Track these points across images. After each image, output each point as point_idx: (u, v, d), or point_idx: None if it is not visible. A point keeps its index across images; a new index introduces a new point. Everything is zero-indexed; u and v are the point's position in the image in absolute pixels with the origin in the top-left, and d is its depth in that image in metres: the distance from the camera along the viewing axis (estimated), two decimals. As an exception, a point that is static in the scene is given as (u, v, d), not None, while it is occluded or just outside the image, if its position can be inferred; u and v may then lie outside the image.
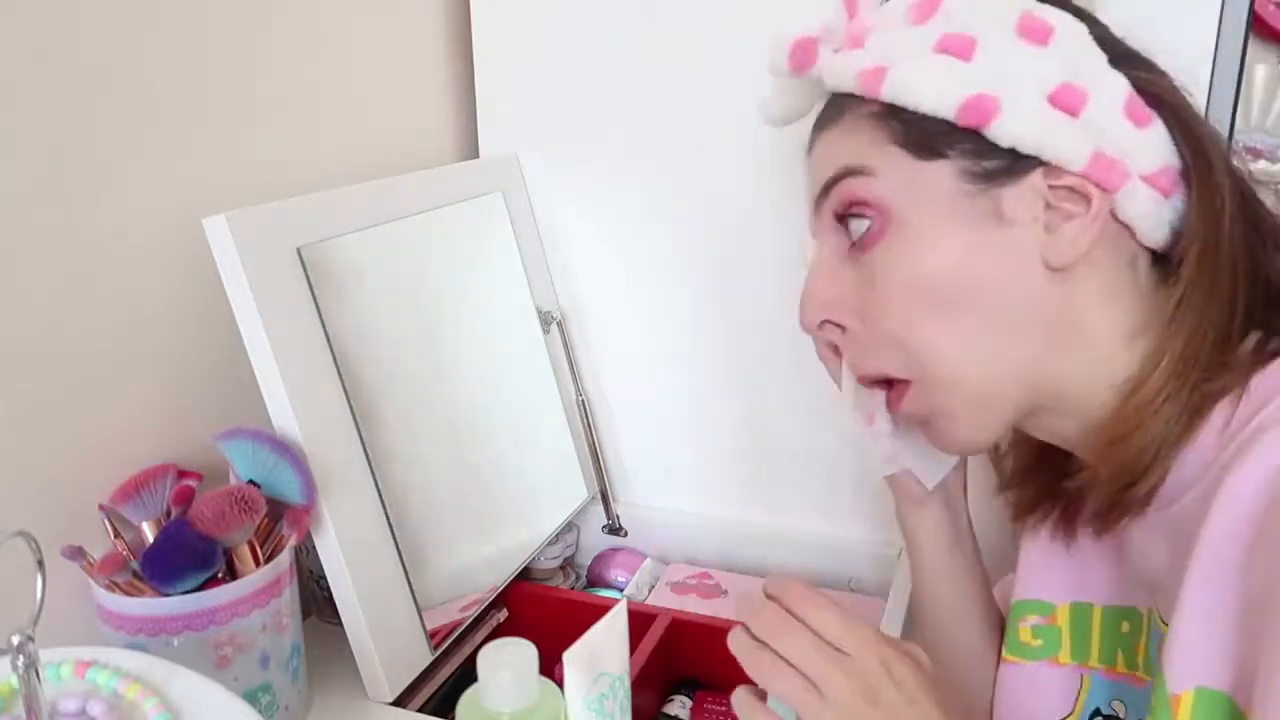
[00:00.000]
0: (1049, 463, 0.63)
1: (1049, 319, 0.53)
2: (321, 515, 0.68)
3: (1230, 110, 0.73)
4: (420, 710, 0.74)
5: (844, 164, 0.55)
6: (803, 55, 0.56)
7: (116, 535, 0.63)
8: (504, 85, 0.97)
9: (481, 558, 0.84)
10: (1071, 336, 0.53)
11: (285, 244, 0.69)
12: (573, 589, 0.99)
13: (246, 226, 0.65)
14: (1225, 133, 0.74)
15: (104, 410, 0.67)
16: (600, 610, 0.58)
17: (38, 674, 0.43)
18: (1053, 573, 0.64)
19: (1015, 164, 0.51)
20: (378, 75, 0.91)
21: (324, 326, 0.70)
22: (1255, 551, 0.44)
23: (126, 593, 0.61)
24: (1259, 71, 1.40)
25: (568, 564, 1.03)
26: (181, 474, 0.67)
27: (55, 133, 0.62)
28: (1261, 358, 0.51)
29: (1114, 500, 0.53)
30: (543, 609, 0.89)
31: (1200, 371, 0.50)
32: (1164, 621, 0.52)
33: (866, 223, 0.54)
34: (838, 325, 0.57)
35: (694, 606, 0.91)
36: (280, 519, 0.66)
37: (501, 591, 0.86)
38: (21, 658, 0.42)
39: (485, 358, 0.89)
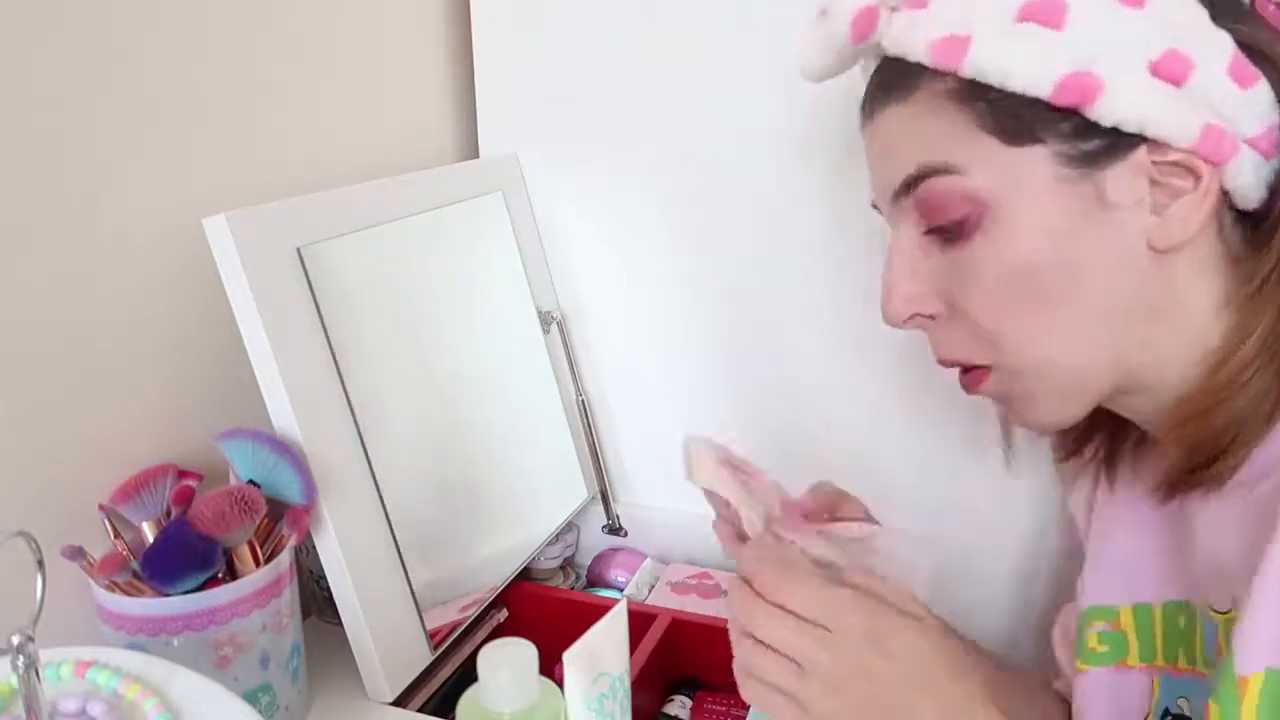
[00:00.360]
0: (1106, 425, 0.60)
1: (1150, 302, 0.50)
2: (321, 515, 0.68)
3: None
4: (420, 710, 0.74)
5: (926, 161, 0.51)
6: (865, 24, 0.51)
7: (116, 535, 0.63)
8: (504, 85, 0.97)
9: (481, 558, 0.84)
10: (1168, 316, 0.50)
11: (285, 244, 0.69)
12: (573, 589, 0.99)
13: (246, 226, 0.65)
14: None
15: (104, 410, 0.67)
16: (600, 610, 0.58)
17: (38, 674, 0.43)
18: (1113, 576, 0.61)
19: (1118, 143, 0.47)
20: (378, 75, 0.91)
21: (324, 326, 0.70)
22: None
23: (126, 593, 0.61)
24: (1259, 71, 1.40)
25: (568, 564, 1.03)
26: (181, 474, 0.67)
27: (55, 133, 0.62)
28: None
29: (1188, 474, 0.51)
30: (543, 609, 0.89)
31: None
32: (1215, 610, 0.51)
33: (959, 217, 0.50)
34: (926, 316, 0.55)
35: (694, 606, 0.91)
36: (280, 519, 0.66)
37: (501, 591, 0.86)
38: (21, 658, 0.42)
39: (485, 358, 0.89)
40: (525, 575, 0.91)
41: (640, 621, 0.83)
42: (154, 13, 0.68)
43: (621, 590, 0.97)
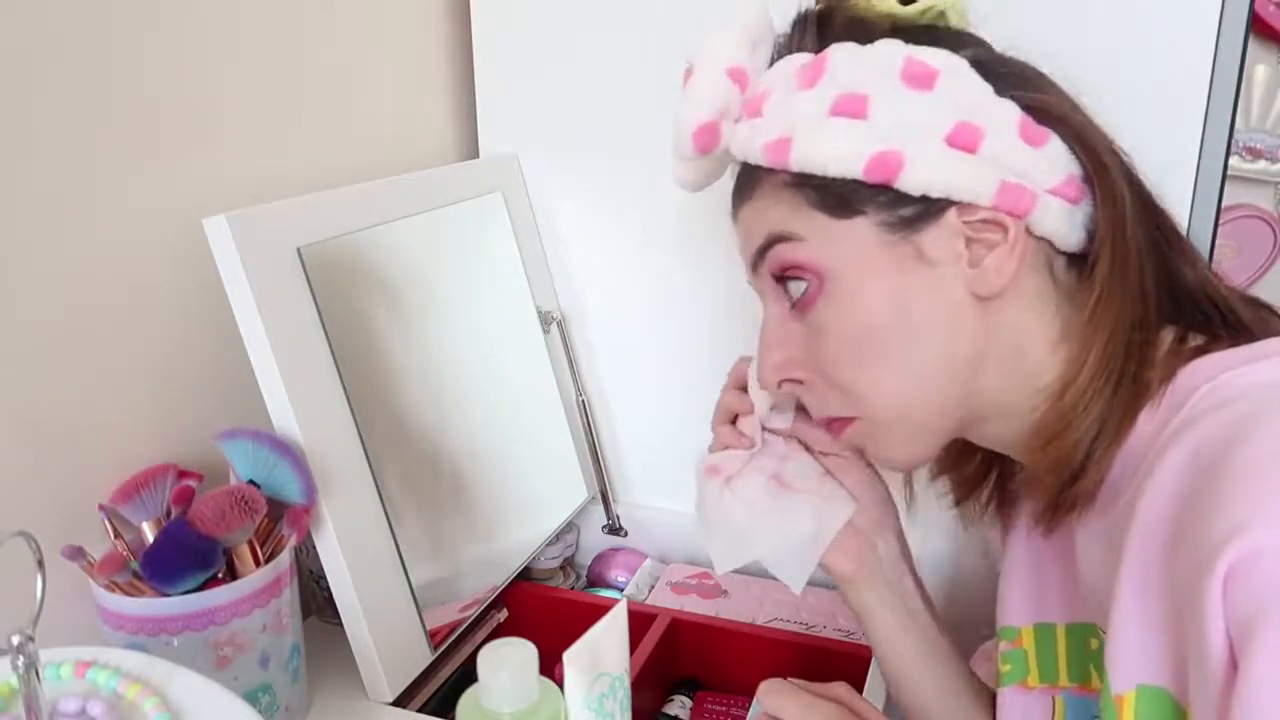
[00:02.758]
0: (996, 467, 0.65)
1: (984, 344, 0.55)
2: (321, 515, 0.68)
3: (1230, 110, 0.73)
4: (420, 710, 0.74)
5: (770, 231, 0.57)
6: (706, 138, 0.57)
7: (116, 535, 0.63)
8: (504, 85, 0.97)
9: (481, 558, 0.84)
10: (1005, 355, 0.55)
11: (285, 244, 0.69)
12: (573, 589, 0.99)
13: (246, 226, 0.65)
14: (1225, 132, 0.74)
15: (104, 410, 0.67)
16: (600, 610, 0.58)
17: (38, 674, 0.43)
18: (1016, 596, 0.65)
19: (930, 207, 0.53)
20: (378, 75, 0.91)
21: (324, 326, 0.70)
22: (1176, 543, 0.44)
23: (126, 593, 0.61)
24: (1259, 71, 1.41)
25: (568, 564, 1.03)
26: (181, 474, 0.67)
27: (55, 133, 0.62)
28: (1182, 353, 0.52)
29: (1055, 499, 0.54)
30: (543, 609, 0.89)
31: (1123, 367, 0.52)
32: (1103, 631, 0.53)
33: (804, 284, 0.56)
34: (795, 381, 0.59)
35: (694, 606, 0.91)
36: (280, 519, 0.66)
37: (501, 591, 0.86)
38: (21, 658, 0.42)
39: (485, 358, 0.89)
40: (525, 575, 0.91)
41: (640, 621, 0.83)
42: (154, 13, 0.68)
43: (621, 590, 0.97)
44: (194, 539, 0.61)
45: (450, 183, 0.89)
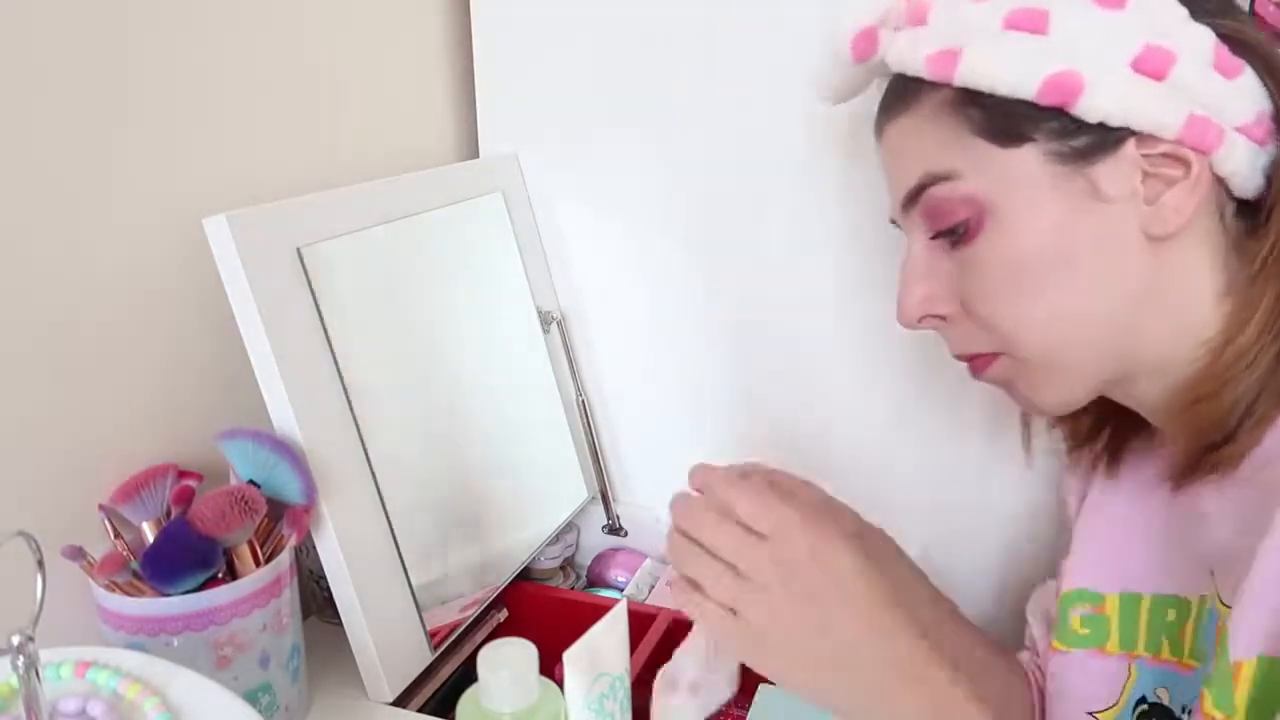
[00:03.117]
0: (1115, 416, 0.62)
1: (1148, 288, 0.52)
2: (321, 515, 0.68)
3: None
4: (420, 710, 0.74)
5: (926, 169, 0.53)
6: (866, 45, 0.54)
7: (116, 535, 0.63)
8: (504, 85, 0.97)
9: (481, 558, 0.84)
10: (1168, 301, 0.52)
11: (285, 244, 0.69)
12: (573, 589, 0.99)
13: (246, 226, 0.65)
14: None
15: (104, 410, 0.67)
16: (600, 610, 0.58)
17: (38, 674, 0.43)
18: (1102, 563, 0.63)
19: (1106, 138, 0.49)
20: (378, 75, 0.91)
21: (324, 326, 0.70)
22: None
23: (126, 593, 0.61)
24: (1259, 71, 1.40)
25: (568, 564, 1.03)
26: (181, 474, 0.67)
27: (55, 133, 0.62)
28: None
29: (1198, 459, 0.52)
30: (543, 609, 0.89)
31: None
32: (1223, 603, 0.51)
33: (961, 220, 0.53)
34: (938, 316, 0.57)
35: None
36: (280, 519, 0.66)
37: (501, 591, 0.86)
38: (21, 658, 0.42)
39: (485, 358, 0.89)
40: (525, 575, 0.91)
41: (640, 621, 0.83)
42: (154, 12, 0.68)
43: (621, 590, 0.97)
44: (194, 539, 0.61)
45: (450, 183, 0.89)
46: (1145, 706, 0.59)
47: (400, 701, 0.72)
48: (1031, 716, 0.68)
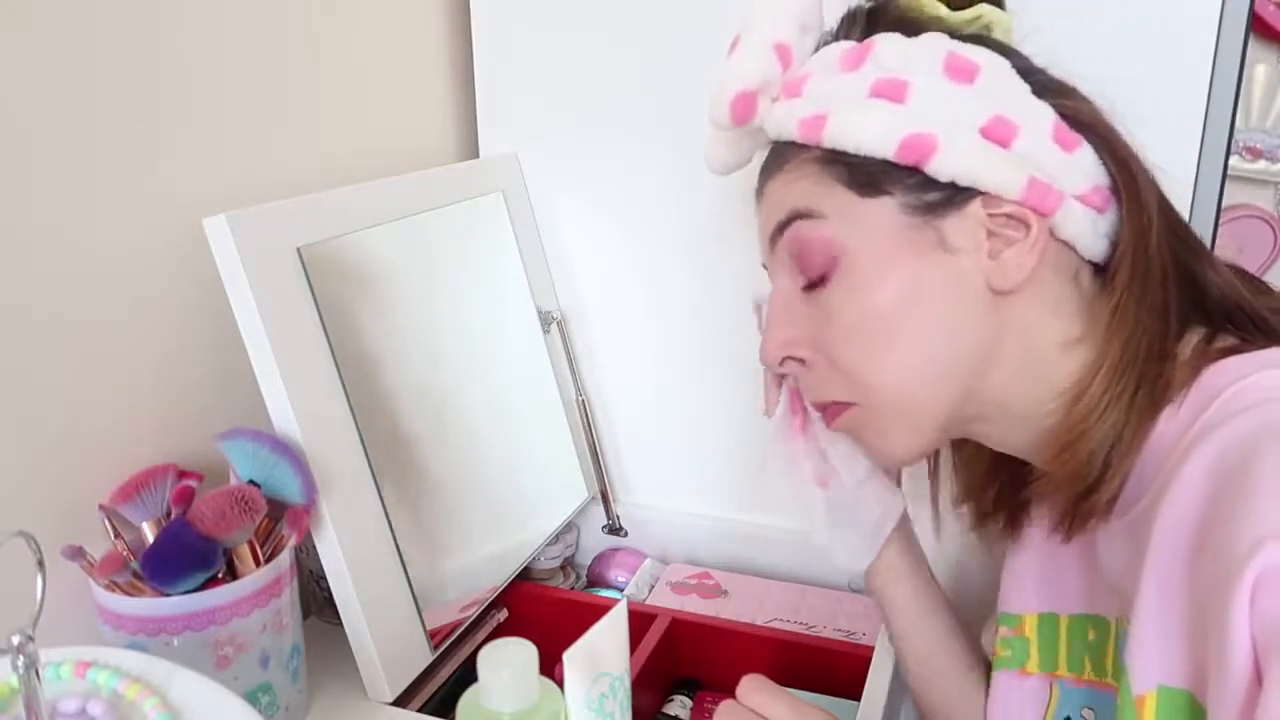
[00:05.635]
0: (1005, 471, 0.65)
1: (994, 339, 0.55)
2: (321, 515, 0.68)
3: (1230, 110, 0.73)
4: (420, 710, 0.74)
5: (793, 207, 0.57)
6: (744, 108, 0.58)
7: (116, 535, 0.63)
8: (504, 85, 0.97)
9: (481, 558, 0.84)
10: (1016, 352, 0.55)
11: (285, 244, 0.69)
12: (573, 589, 0.99)
13: (246, 226, 0.65)
14: (1225, 132, 0.74)
15: (104, 410, 0.67)
16: (600, 610, 0.58)
17: (38, 674, 0.43)
18: (1023, 585, 0.65)
19: (955, 196, 0.53)
20: (378, 75, 0.91)
21: (324, 326, 0.70)
22: (1201, 547, 0.44)
23: (126, 593, 0.61)
24: (1259, 71, 1.41)
25: (568, 564, 1.03)
26: (181, 474, 0.67)
27: (55, 133, 0.62)
28: (1208, 354, 0.52)
29: (1073, 508, 0.54)
30: (543, 609, 0.89)
31: (1139, 372, 0.52)
32: (1108, 620, 0.54)
33: (820, 257, 0.56)
34: (797, 360, 0.59)
35: (694, 606, 0.91)
36: (280, 519, 0.66)
37: (501, 591, 0.86)
38: (21, 658, 0.42)
39: (485, 357, 0.89)
40: (525, 575, 0.91)
41: (640, 621, 0.83)
42: (154, 12, 0.68)
43: (621, 590, 0.97)
44: (194, 539, 0.61)
45: (450, 183, 0.89)
46: None
47: (400, 701, 0.72)
48: None
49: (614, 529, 1.03)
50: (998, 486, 0.66)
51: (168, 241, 0.70)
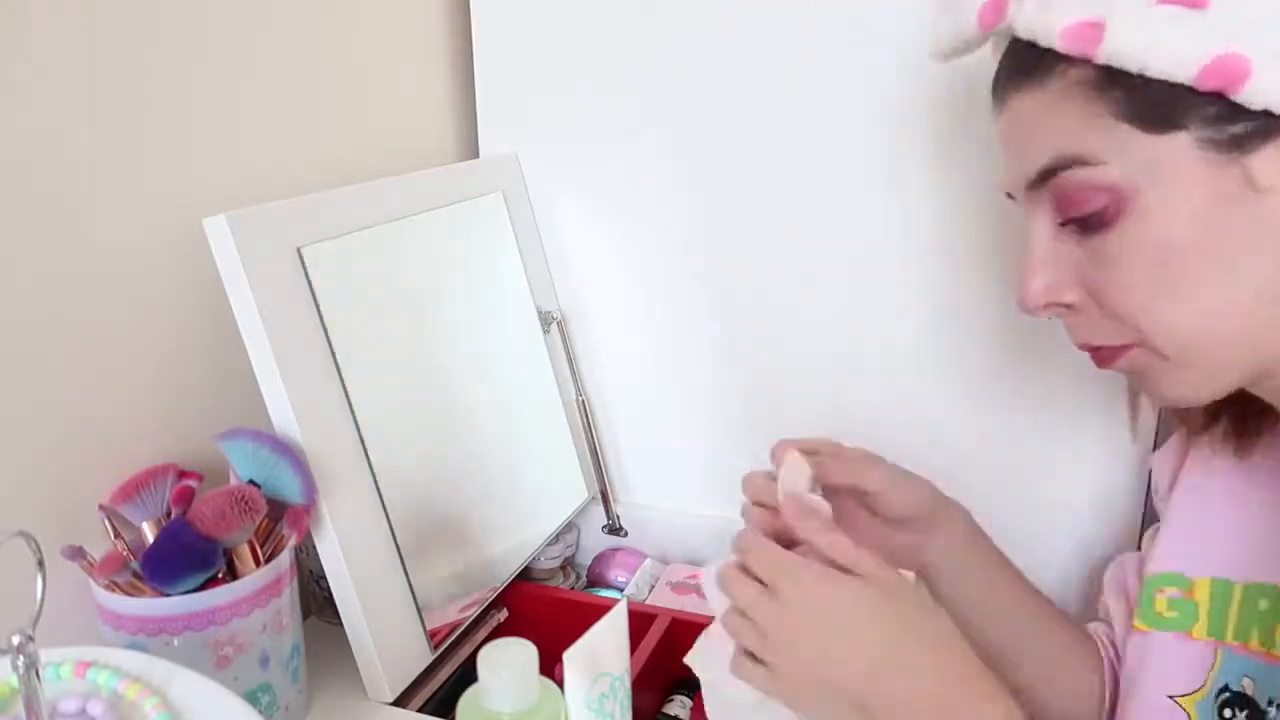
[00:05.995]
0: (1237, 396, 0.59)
1: None
2: (321, 515, 0.68)
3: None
4: (420, 710, 0.74)
5: (1061, 151, 0.49)
6: (993, 14, 0.49)
7: (116, 535, 0.63)
8: (504, 85, 0.97)
9: (481, 558, 0.84)
10: None
11: (285, 244, 0.69)
12: (573, 589, 0.99)
13: (246, 226, 0.65)
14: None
15: (104, 410, 0.67)
16: (600, 610, 0.58)
17: (38, 674, 0.43)
18: (1195, 547, 0.61)
19: (1268, 125, 0.45)
20: (378, 75, 0.91)
21: (324, 326, 0.70)
22: None
23: (126, 593, 0.61)
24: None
25: (568, 564, 1.03)
26: (181, 474, 0.67)
27: (55, 134, 0.62)
28: None
29: None
30: (543, 609, 0.89)
31: None
32: None
33: (1097, 208, 0.48)
34: (1063, 305, 0.53)
35: (694, 606, 0.91)
36: (280, 519, 0.66)
37: (501, 591, 0.86)
38: (21, 658, 0.42)
39: (485, 358, 0.89)
40: (525, 575, 0.91)
41: (640, 621, 0.83)
42: (154, 12, 0.68)
43: (621, 590, 0.97)
44: (194, 539, 0.61)
45: (450, 183, 0.89)
46: (1228, 695, 0.58)
47: (400, 701, 0.72)
48: (1102, 690, 0.68)
49: (614, 529, 1.03)
50: (1226, 415, 0.60)
51: (168, 241, 0.70)
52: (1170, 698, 0.60)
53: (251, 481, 0.65)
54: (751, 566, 0.53)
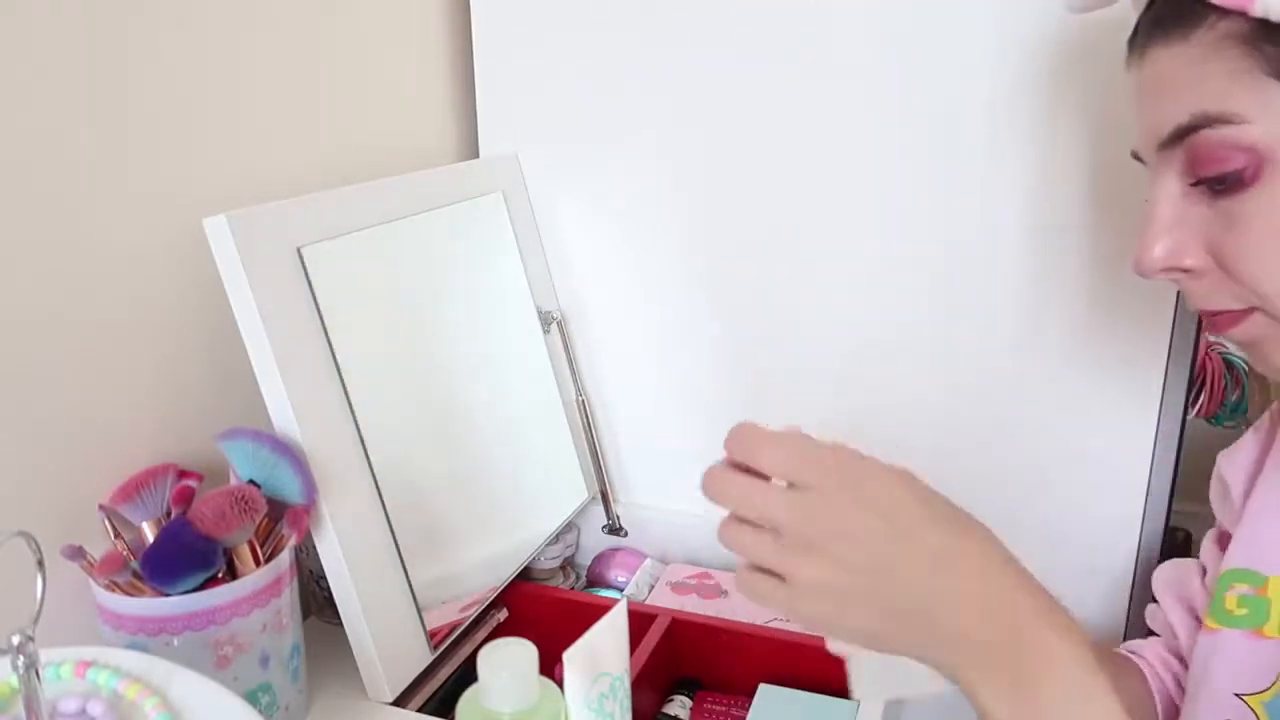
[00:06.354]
0: None
1: None
2: (321, 515, 0.68)
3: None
4: (420, 710, 0.74)
5: (1203, 109, 0.47)
6: None
7: (116, 535, 0.63)
8: (504, 85, 0.97)
9: (481, 558, 0.84)
10: None
11: (285, 244, 0.69)
12: (573, 589, 0.99)
13: (246, 226, 0.65)
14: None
15: (104, 410, 0.67)
16: (600, 610, 0.58)
17: (38, 674, 0.43)
18: (1270, 545, 0.60)
19: None
20: (378, 75, 0.91)
21: (324, 326, 0.70)
22: None
23: (126, 593, 0.61)
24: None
25: (568, 564, 1.03)
26: (181, 474, 0.67)
27: (55, 134, 0.62)
28: None
29: None
30: (543, 609, 0.89)
31: None
32: None
33: (1236, 169, 0.47)
34: (1182, 269, 0.51)
35: (694, 606, 0.91)
36: (280, 519, 0.66)
37: (501, 591, 0.86)
38: (21, 658, 0.42)
39: (485, 358, 0.89)
40: (525, 575, 0.91)
41: (640, 621, 0.83)
42: (154, 12, 0.68)
43: (621, 590, 0.97)
44: (194, 539, 0.61)
45: (450, 183, 0.89)
46: None
47: (400, 701, 0.72)
48: (1153, 711, 0.66)
49: (614, 529, 1.03)
50: None
51: (168, 241, 0.70)
52: (1238, 696, 0.58)
53: (251, 481, 0.65)
54: (765, 465, 0.46)
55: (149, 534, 0.64)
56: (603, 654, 0.56)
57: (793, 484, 0.45)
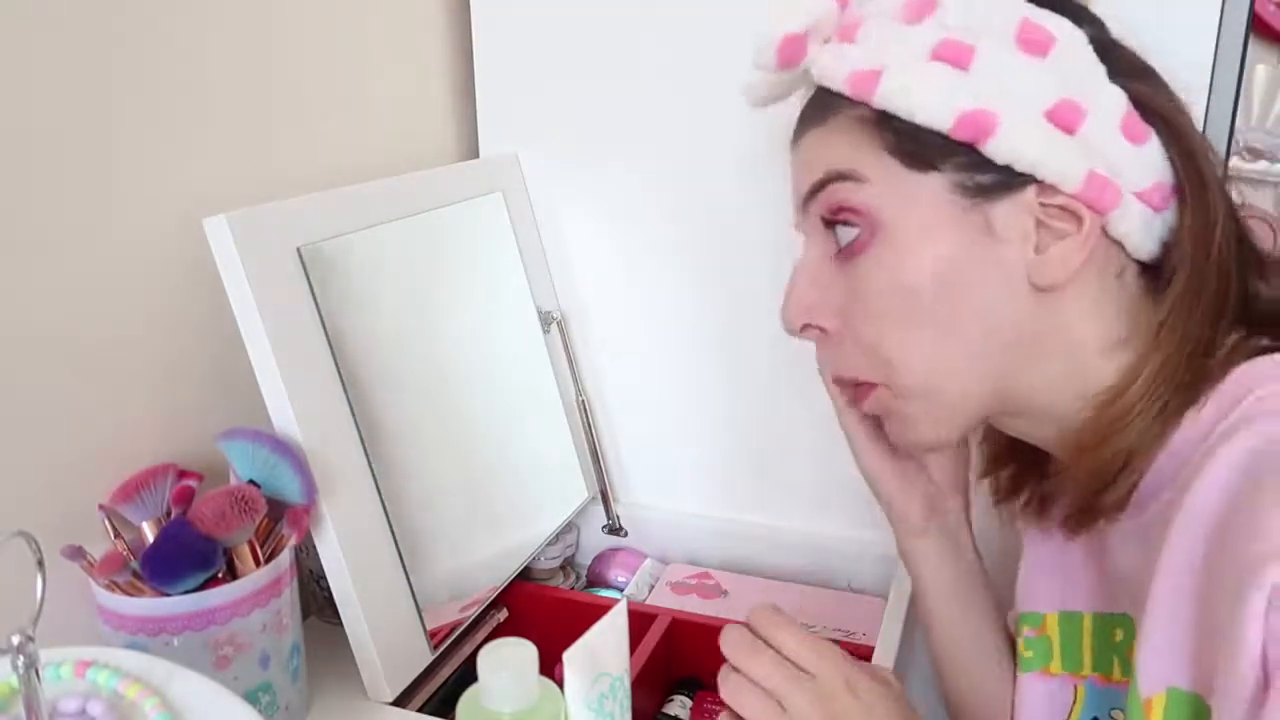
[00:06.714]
0: (1025, 454, 0.63)
1: (1030, 334, 0.52)
2: (321, 515, 0.68)
3: (1230, 110, 0.73)
4: (420, 710, 0.74)
5: (833, 167, 0.53)
6: (791, 52, 0.54)
7: (116, 535, 0.63)
8: (504, 85, 0.97)
9: (481, 558, 0.84)
10: (1052, 350, 0.53)
11: (285, 244, 0.69)
12: (573, 589, 0.99)
13: (246, 226, 0.65)
14: (1225, 132, 0.74)
15: (104, 410, 0.67)
16: (600, 610, 0.58)
17: (38, 674, 0.43)
18: (1041, 583, 0.64)
19: (1010, 179, 0.50)
20: (378, 75, 0.91)
21: (324, 326, 0.70)
22: (1220, 546, 0.43)
23: (126, 593, 0.61)
24: (1259, 71, 1.41)
25: (568, 564, 1.03)
26: (181, 474, 0.67)
27: (55, 134, 0.62)
28: (1240, 350, 0.50)
29: (1086, 504, 0.53)
30: (543, 609, 0.89)
31: (1177, 381, 0.50)
32: (1132, 620, 0.53)
33: (855, 230, 0.53)
34: (818, 328, 0.57)
35: (694, 606, 0.91)
36: (280, 519, 0.66)
37: (501, 591, 0.86)
38: (21, 658, 0.42)
39: (485, 358, 0.89)
40: (525, 575, 0.91)
41: (640, 621, 0.83)
42: (154, 12, 0.68)
43: (621, 590, 0.97)
44: (194, 539, 0.61)
45: (450, 183, 0.89)
46: None
47: (400, 701, 0.72)
48: None
49: (614, 529, 1.03)
50: (1014, 467, 0.65)
51: (168, 242, 0.70)
52: None
53: (251, 481, 0.65)
54: (790, 652, 0.54)
55: (149, 534, 0.64)
56: (603, 654, 0.56)
57: (803, 667, 0.53)
